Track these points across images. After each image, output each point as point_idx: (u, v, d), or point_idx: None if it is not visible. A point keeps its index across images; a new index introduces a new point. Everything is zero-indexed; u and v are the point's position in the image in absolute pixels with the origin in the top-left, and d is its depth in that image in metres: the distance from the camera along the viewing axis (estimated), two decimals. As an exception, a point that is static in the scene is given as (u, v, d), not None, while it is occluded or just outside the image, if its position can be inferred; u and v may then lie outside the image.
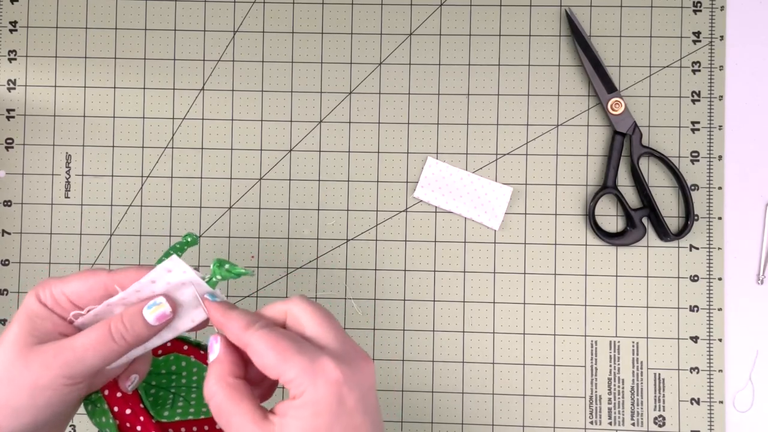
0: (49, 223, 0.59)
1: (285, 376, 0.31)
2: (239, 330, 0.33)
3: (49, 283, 0.35)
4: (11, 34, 0.60)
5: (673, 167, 0.57)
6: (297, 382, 0.31)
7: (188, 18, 0.60)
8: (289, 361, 0.31)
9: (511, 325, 0.58)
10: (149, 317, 0.34)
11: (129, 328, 0.34)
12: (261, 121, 0.60)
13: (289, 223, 0.59)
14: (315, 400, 0.31)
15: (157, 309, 0.34)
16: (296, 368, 0.31)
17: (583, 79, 0.59)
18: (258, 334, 0.32)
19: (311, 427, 0.30)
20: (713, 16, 0.59)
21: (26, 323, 0.34)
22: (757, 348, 0.58)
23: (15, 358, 0.33)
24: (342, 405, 0.31)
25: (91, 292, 0.35)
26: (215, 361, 0.33)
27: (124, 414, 0.38)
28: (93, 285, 0.35)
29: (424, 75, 0.60)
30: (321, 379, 0.31)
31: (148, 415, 0.38)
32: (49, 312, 0.34)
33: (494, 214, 0.58)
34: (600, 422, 0.57)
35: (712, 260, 0.58)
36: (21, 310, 0.35)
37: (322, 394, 0.31)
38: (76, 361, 0.33)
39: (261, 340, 0.32)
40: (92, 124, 0.60)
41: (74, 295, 0.35)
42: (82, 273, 0.35)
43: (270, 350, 0.31)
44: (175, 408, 0.40)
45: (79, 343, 0.33)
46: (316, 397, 0.31)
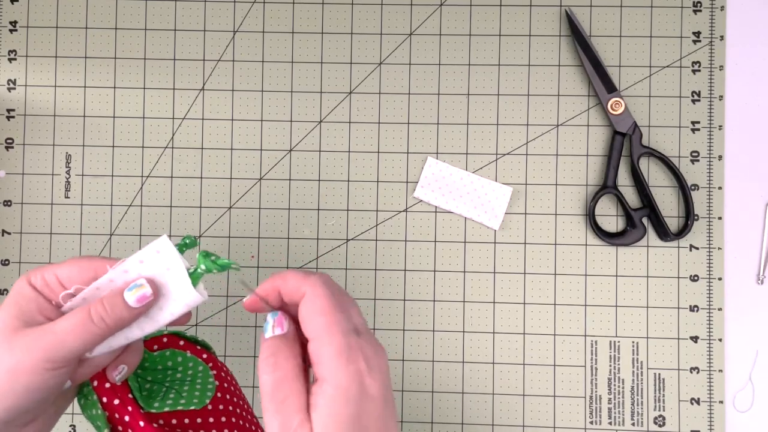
0: (49, 223, 0.59)
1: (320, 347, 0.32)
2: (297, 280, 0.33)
3: (42, 267, 0.35)
4: (11, 34, 0.60)
5: (673, 167, 0.57)
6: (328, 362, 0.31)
7: (188, 18, 0.60)
8: (333, 336, 0.32)
9: (511, 325, 0.58)
10: (130, 299, 0.34)
11: (109, 311, 0.34)
12: (261, 121, 0.60)
13: (289, 223, 0.59)
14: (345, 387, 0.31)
15: (138, 291, 0.34)
16: (334, 347, 0.31)
17: (583, 79, 0.59)
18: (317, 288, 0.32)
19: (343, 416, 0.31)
20: (713, 16, 0.59)
21: (12, 307, 0.33)
22: (757, 348, 0.58)
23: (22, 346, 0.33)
24: (366, 393, 0.31)
25: (81, 275, 0.34)
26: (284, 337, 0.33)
27: (113, 404, 0.37)
28: (85, 267, 0.34)
29: (424, 75, 0.60)
30: (352, 366, 0.31)
31: (136, 405, 0.38)
32: (36, 294, 0.34)
33: (494, 214, 0.58)
34: (600, 422, 0.57)
35: (712, 260, 0.58)
36: (11, 293, 0.34)
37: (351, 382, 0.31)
38: (56, 344, 0.33)
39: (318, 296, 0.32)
40: (92, 124, 0.60)
41: (65, 278, 0.34)
42: (77, 258, 0.35)
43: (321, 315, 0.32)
44: (166, 399, 0.40)
45: (60, 326, 0.33)
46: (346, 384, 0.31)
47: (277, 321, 0.33)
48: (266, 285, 0.34)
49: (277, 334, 0.33)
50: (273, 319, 0.34)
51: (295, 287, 0.33)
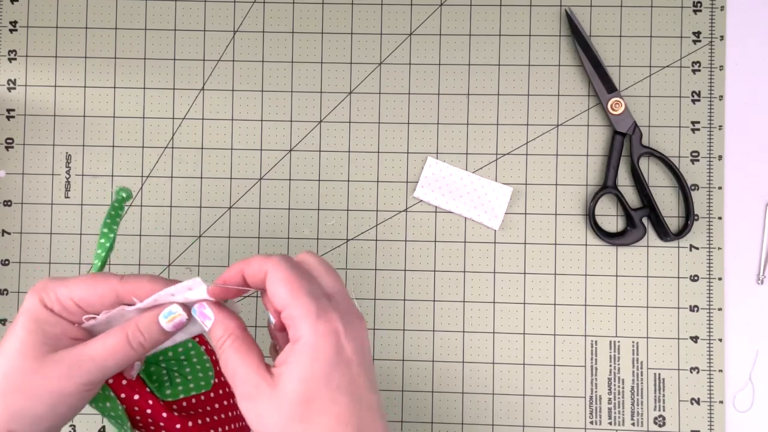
0: (49, 223, 0.59)
1: (290, 312, 0.32)
2: (260, 260, 0.33)
3: (51, 286, 0.34)
4: (11, 34, 0.60)
5: (673, 167, 0.57)
6: (298, 322, 0.32)
7: (188, 18, 0.60)
8: (297, 299, 0.32)
9: (511, 325, 0.58)
10: (166, 325, 0.35)
11: (147, 336, 0.35)
12: (261, 121, 0.60)
13: (289, 223, 0.59)
14: (315, 345, 0.31)
15: (174, 318, 0.35)
16: (301, 308, 0.32)
17: (583, 79, 0.59)
18: (278, 264, 0.33)
19: (310, 373, 0.31)
20: (713, 16, 0.59)
21: (36, 331, 0.33)
22: (757, 348, 0.58)
23: (31, 367, 0.33)
24: (340, 354, 0.31)
25: (101, 300, 0.34)
26: (216, 322, 0.34)
27: (133, 400, 0.38)
28: (104, 293, 0.34)
29: (424, 75, 0.60)
30: (322, 325, 0.31)
31: (155, 397, 0.39)
32: (57, 318, 0.34)
33: (494, 214, 0.58)
34: (600, 422, 0.57)
35: (712, 260, 0.58)
36: (25, 315, 0.34)
37: (321, 340, 0.31)
38: (96, 370, 0.34)
39: (279, 269, 0.33)
40: (92, 124, 0.60)
41: (83, 302, 0.34)
42: (90, 278, 0.35)
43: (284, 283, 0.32)
44: (175, 386, 0.40)
45: (98, 352, 0.34)
46: (316, 342, 0.31)
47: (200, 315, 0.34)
48: (231, 270, 0.35)
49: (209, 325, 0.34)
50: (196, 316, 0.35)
51: (258, 268, 0.34)
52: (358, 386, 0.32)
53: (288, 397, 0.31)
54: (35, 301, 0.34)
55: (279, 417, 0.31)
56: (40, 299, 0.34)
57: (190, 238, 0.59)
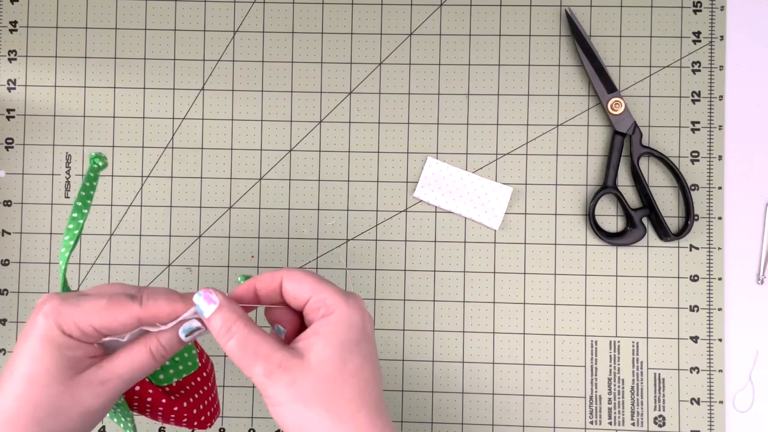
0: (49, 223, 0.59)
1: (319, 296, 0.35)
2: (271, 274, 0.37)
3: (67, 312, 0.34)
4: (11, 34, 0.60)
5: (673, 167, 0.57)
6: (331, 301, 0.35)
7: (188, 18, 0.60)
8: (324, 284, 0.36)
9: (511, 325, 0.58)
10: (186, 339, 0.36)
11: (169, 349, 0.36)
12: (261, 121, 0.60)
13: (289, 223, 0.59)
14: (349, 315, 0.35)
15: (195, 332, 0.36)
16: (331, 290, 0.35)
17: (583, 79, 0.59)
18: (292, 270, 0.37)
19: (346, 337, 0.34)
20: (713, 16, 0.59)
21: (58, 357, 0.34)
22: (757, 348, 0.58)
23: (60, 392, 0.34)
24: (366, 328, 0.35)
25: (123, 327, 0.35)
26: (221, 306, 0.35)
27: (134, 390, 0.40)
28: (126, 320, 0.35)
29: (424, 75, 0.60)
30: (352, 300, 0.35)
31: (153, 385, 0.40)
32: (77, 342, 0.35)
33: (494, 214, 0.58)
34: (600, 422, 0.57)
35: (712, 260, 0.58)
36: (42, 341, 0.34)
37: (354, 312, 0.35)
38: (122, 384, 0.35)
39: (295, 272, 0.36)
40: (92, 124, 0.60)
41: (105, 329, 0.35)
42: (109, 305, 0.35)
43: (306, 277, 0.36)
44: (166, 370, 0.41)
45: (124, 369, 0.35)
46: (350, 313, 0.35)
47: (206, 298, 0.35)
48: (243, 286, 0.37)
49: (214, 309, 0.35)
50: (201, 298, 0.35)
51: (270, 279, 0.37)
52: (376, 360, 0.36)
53: (325, 361, 0.34)
54: (51, 326, 0.34)
55: (315, 381, 0.33)
56: (58, 326, 0.34)
57: (190, 238, 0.59)
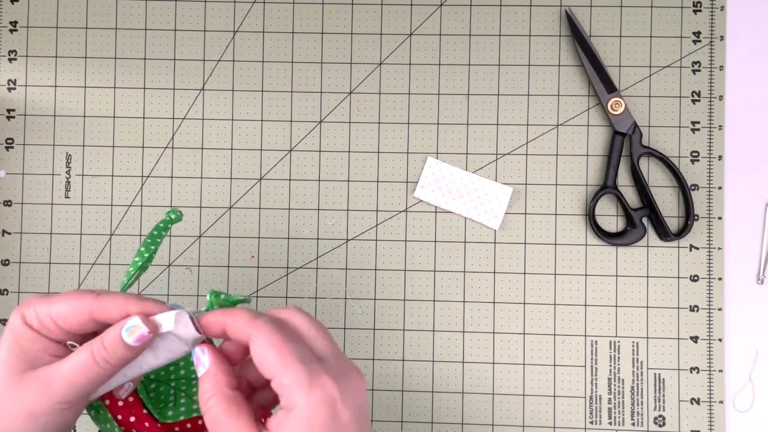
0: (49, 223, 0.59)
1: (280, 380, 0.31)
2: (244, 322, 0.32)
3: (33, 303, 0.34)
4: (11, 34, 0.60)
5: (673, 167, 0.57)
6: (291, 391, 0.30)
7: (188, 18, 0.60)
8: (287, 365, 0.31)
9: (511, 325, 0.58)
10: (128, 339, 0.33)
11: (110, 352, 0.33)
12: (261, 121, 0.60)
13: (289, 223, 0.59)
14: (309, 416, 0.30)
15: (135, 330, 0.33)
16: (292, 376, 0.30)
17: (583, 79, 0.59)
18: (263, 328, 0.32)
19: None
20: (713, 16, 0.59)
21: (14, 348, 0.33)
22: (757, 348, 0.58)
23: (7, 384, 0.33)
24: (336, 421, 0.30)
25: (75, 316, 0.33)
26: (207, 374, 0.33)
27: (129, 422, 0.38)
28: (78, 309, 0.33)
29: (424, 75, 0.60)
30: (316, 394, 0.30)
31: (152, 419, 0.38)
32: (36, 335, 0.33)
33: (494, 214, 0.58)
34: (600, 422, 0.57)
35: (712, 260, 0.58)
36: (7, 332, 0.34)
37: (316, 410, 0.30)
38: (67, 387, 0.33)
39: (264, 334, 0.31)
40: (92, 124, 0.60)
41: (60, 318, 0.33)
42: (69, 295, 0.34)
43: (271, 348, 0.31)
44: (178, 406, 0.39)
45: (67, 369, 0.33)
46: (310, 413, 0.30)
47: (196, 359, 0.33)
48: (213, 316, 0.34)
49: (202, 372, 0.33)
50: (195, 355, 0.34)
51: (240, 329, 0.33)
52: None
53: None
54: (17, 317, 0.33)
55: None
56: (22, 316, 0.33)
57: (190, 238, 0.59)
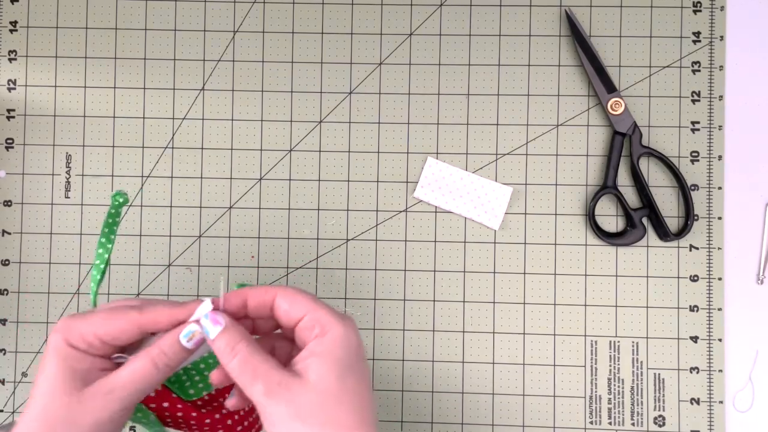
0: (49, 223, 0.59)
1: (313, 314, 0.36)
2: (265, 288, 0.37)
3: (73, 325, 0.36)
4: (11, 34, 0.60)
5: (673, 167, 0.57)
6: (325, 320, 0.35)
7: (188, 18, 0.60)
8: (318, 304, 0.36)
9: (511, 325, 0.58)
10: (187, 344, 0.36)
11: (171, 356, 0.36)
12: (261, 121, 0.60)
13: (289, 223, 0.59)
14: (345, 335, 0.35)
15: (194, 336, 0.37)
16: (325, 310, 0.36)
17: (583, 79, 0.59)
18: (285, 287, 0.37)
19: (344, 356, 0.35)
20: (713, 16, 0.59)
21: (64, 369, 0.35)
22: (757, 348, 0.58)
23: (69, 402, 0.35)
24: (360, 348, 0.36)
25: (124, 334, 0.36)
26: (227, 328, 0.36)
27: (163, 407, 0.40)
28: (125, 327, 0.36)
29: (424, 75, 0.60)
30: (348, 321, 0.36)
31: (182, 400, 0.41)
32: (83, 354, 0.36)
33: (494, 214, 0.58)
34: (600, 422, 0.57)
35: (712, 260, 0.58)
36: (52, 355, 0.36)
37: (350, 333, 0.36)
38: (128, 395, 0.36)
39: (289, 289, 0.37)
40: (92, 124, 0.60)
41: (107, 337, 0.36)
42: (109, 314, 0.36)
43: (300, 294, 0.37)
44: (196, 384, 0.41)
45: (128, 379, 0.36)
46: (346, 334, 0.35)
47: (212, 320, 0.36)
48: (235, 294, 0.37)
49: (219, 330, 0.36)
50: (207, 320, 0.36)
51: (264, 291, 0.37)
52: (370, 381, 0.37)
53: (323, 379, 0.34)
54: (59, 340, 0.36)
55: (314, 400, 0.34)
56: (65, 339, 0.36)
57: (190, 238, 0.59)
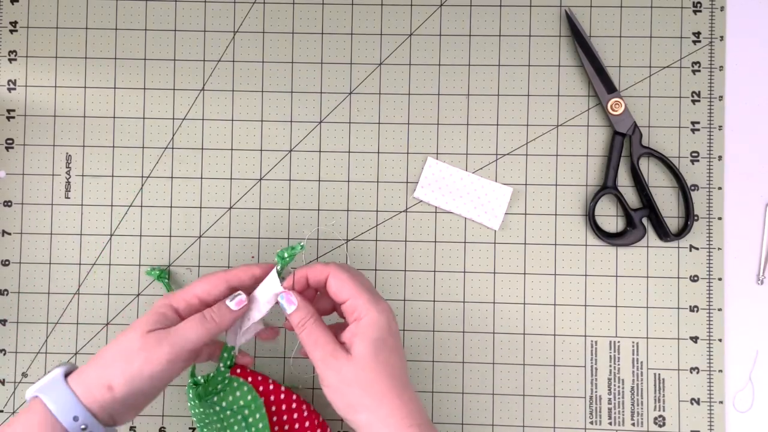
0: (49, 223, 0.59)
1: (354, 301, 0.45)
2: (320, 268, 0.47)
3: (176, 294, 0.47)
4: (11, 35, 0.60)
5: (673, 167, 0.57)
6: (363, 306, 0.45)
7: (188, 18, 0.60)
8: (359, 290, 0.46)
9: (511, 325, 0.58)
10: (230, 304, 0.47)
11: (217, 312, 0.47)
12: (261, 121, 0.60)
13: (289, 223, 0.59)
14: (378, 319, 0.45)
15: (236, 297, 0.48)
16: (364, 296, 0.45)
17: (583, 79, 0.59)
18: (336, 267, 0.47)
19: (377, 337, 0.44)
20: (713, 16, 0.59)
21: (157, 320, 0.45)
22: (757, 348, 0.58)
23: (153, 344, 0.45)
24: (392, 326, 0.45)
25: (216, 288, 0.48)
26: (300, 307, 0.47)
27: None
28: (217, 283, 0.48)
29: (424, 75, 0.60)
30: (380, 306, 0.45)
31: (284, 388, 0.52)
32: (176, 316, 0.47)
33: (494, 214, 0.58)
34: (600, 422, 0.57)
35: (712, 260, 0.58)
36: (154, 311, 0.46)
37: (381, 316, 0.45)
38: (181, 341, 0.45)
39: (338, 270, 0.47)
40: (92, 124, 0.60)
41: (204, 294, 0.47)
42: (205, 277, 0.48)
43: (346, 281, 0.46)
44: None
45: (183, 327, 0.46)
46: (378, 318, 0.45)
47: (287, 300, 0.47)
48: (298, 273, 0.47)
49: (294, 308, 0.47)
50: (283, 300, 0.47)
51: (320, 270, 0.47)
52: (401, 350, 0.46)
53: (362, 356, 0.44)
54: (165, 303, 0.47)
55: (355, 370, 0.44)
56: (170, 303, 0.47)
57: (190, 238, 0.59)
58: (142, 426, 0.58)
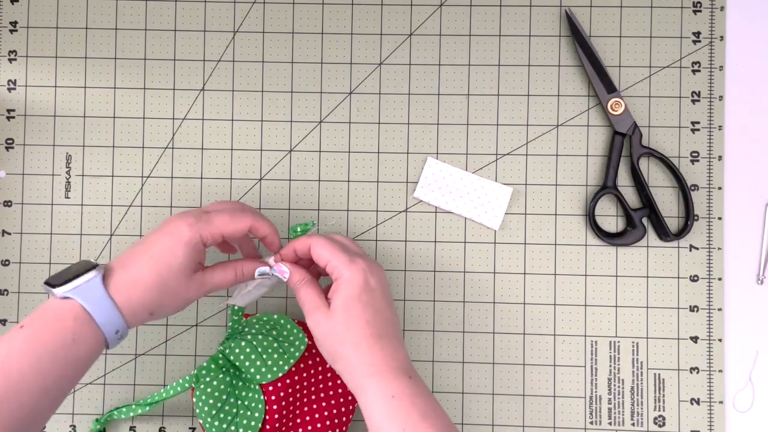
0: (49, 223, 0.59)
1: (332, 263, 0.49)
2: (304, 239, 0.51)
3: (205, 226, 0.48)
4: (11, 35, 0.60)
5: (673, 167, 0.57)
6: (339, 267, 0.49)
7: (188, 18, 0.60)
8: (335, 253, 0.49)
9: (511, 325, 0.58)
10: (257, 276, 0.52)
11: (246, 272, 0.51)
12: (261, 121, 0.60)
13: (289, 223, 0.59)
14: (351, 279, 0.48)
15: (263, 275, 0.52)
16: (340, 258, 0.49)
17: (583, 79, 0.59)
18: (317, 238, 0.51)
19: (349, 294, 0.48)
20: (713, 16, 0.59)
21: (192, 257, 0.48)
22: (757, 348, 0.58)
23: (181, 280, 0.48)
24: (367, 284, 0.48)
25: (240, 233, 0.50)
26: (292, 272, 0.51)
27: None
28: (243, 228, 0.50)
29: (424, 75, 0.60)
30: (354, 267, 0.49)
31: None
32: (204, 250, 0.49)
33: (494, 214, 0.58)
34: (600, 422, 0.57)
35: (712, 260, 0.58)
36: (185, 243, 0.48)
37: (354, 276, 0.48)
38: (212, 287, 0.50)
39: (318, 239, 0.50)
40: (92, 124, 0.60)
41: (229, 235, 0.50)
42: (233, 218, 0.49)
43: (324, 246, 0.50)
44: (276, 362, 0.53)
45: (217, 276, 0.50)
46: (351, 277, 0.48)
47: (279, 272, 0.52)
48: (286, 248, 0.52)
49: (288, 275, 0.51)
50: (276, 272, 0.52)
51: (304, 242, 0.51)
52: (379, 305, 0.49)
53: (336, 311, 0.48)
54: (194, 235, 0.48)
55: (331, 324, 0.48)
56: (200, 235, 0.48)
57: (190, 238, 0.59)
58: (142, 426, 0.58)
